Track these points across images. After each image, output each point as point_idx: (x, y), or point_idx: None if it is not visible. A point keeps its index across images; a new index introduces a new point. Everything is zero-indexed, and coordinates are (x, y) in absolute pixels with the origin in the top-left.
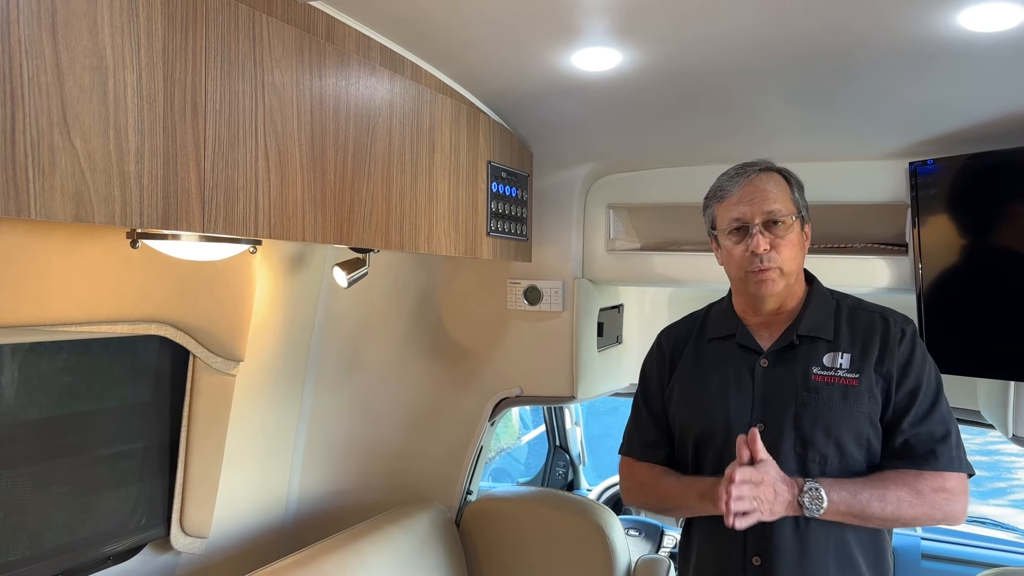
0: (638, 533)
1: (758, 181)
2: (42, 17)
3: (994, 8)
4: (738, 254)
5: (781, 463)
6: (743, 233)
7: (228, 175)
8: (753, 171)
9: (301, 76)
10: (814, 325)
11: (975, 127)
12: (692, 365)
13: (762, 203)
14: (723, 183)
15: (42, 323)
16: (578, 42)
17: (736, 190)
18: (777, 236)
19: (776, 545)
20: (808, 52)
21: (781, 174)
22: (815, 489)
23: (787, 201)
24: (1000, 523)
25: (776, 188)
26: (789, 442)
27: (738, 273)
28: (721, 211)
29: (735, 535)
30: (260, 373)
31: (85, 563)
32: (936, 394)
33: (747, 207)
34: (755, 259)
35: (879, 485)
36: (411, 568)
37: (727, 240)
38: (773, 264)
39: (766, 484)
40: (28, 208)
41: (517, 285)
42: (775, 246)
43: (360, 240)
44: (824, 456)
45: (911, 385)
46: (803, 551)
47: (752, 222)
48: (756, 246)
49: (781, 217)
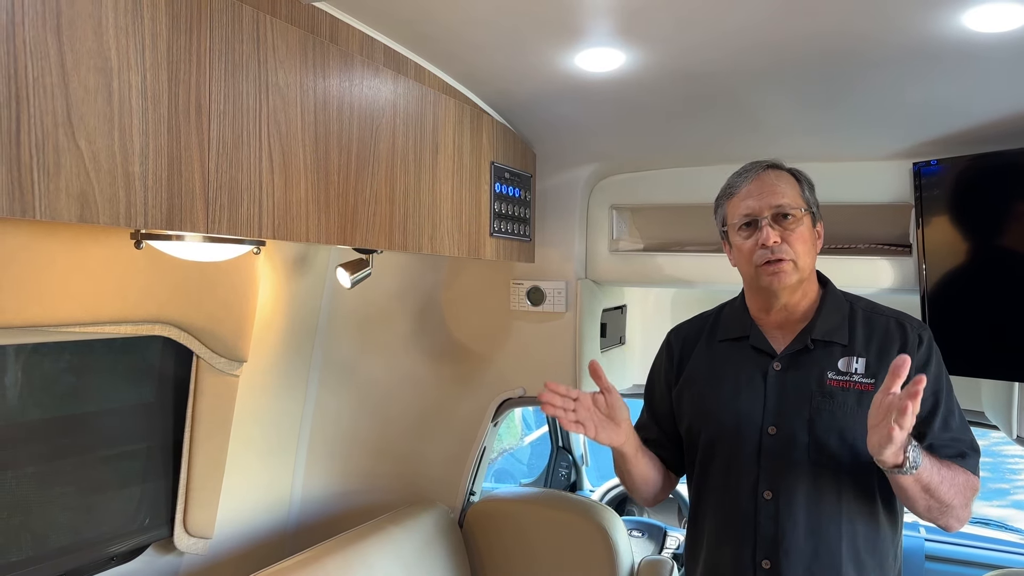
0: (641, 534)
1: (766, 176)
2: (47, 18)
3: (998, 9)
4: (748, 248)
5: (793, 468)
6: (753, 227)
7: (232, 176)
8: (762, 167)
9: (305, 77)
10: (828, 329)
11: (979, 127)
12: (702, 366)
13: (770, 196)
14: (732, 180)
15: (46, 324)
16: (581, 43)
17: (745, 186)
18: (787, 229)
19: (786, 549)
20: (812, 53)
21: (791, 172)
22: (917, 448)
23: (796, 196)
24: (1003, 524)
25: (785, 183)
26: (803, 447)
27: (749, 269)
28: (731, 207)
29: (744, 538)
30: (263, 374)
31: (89, 563)
32: (954, 399)
33: (755, 201)
34: (766, 251)
35: (949, 467)
36: (414, 569)
37: (737, 236)
38: (786, 256)
39: (581, 402)
40: (33, 209)
41: (520, 286)
42: (786, 239)
43: (363, 241)
44: (839, 462)
45: (930, 392)
46: (814, 555)
47: (761, 215)
48: (766, 238)
49: (790, 210)
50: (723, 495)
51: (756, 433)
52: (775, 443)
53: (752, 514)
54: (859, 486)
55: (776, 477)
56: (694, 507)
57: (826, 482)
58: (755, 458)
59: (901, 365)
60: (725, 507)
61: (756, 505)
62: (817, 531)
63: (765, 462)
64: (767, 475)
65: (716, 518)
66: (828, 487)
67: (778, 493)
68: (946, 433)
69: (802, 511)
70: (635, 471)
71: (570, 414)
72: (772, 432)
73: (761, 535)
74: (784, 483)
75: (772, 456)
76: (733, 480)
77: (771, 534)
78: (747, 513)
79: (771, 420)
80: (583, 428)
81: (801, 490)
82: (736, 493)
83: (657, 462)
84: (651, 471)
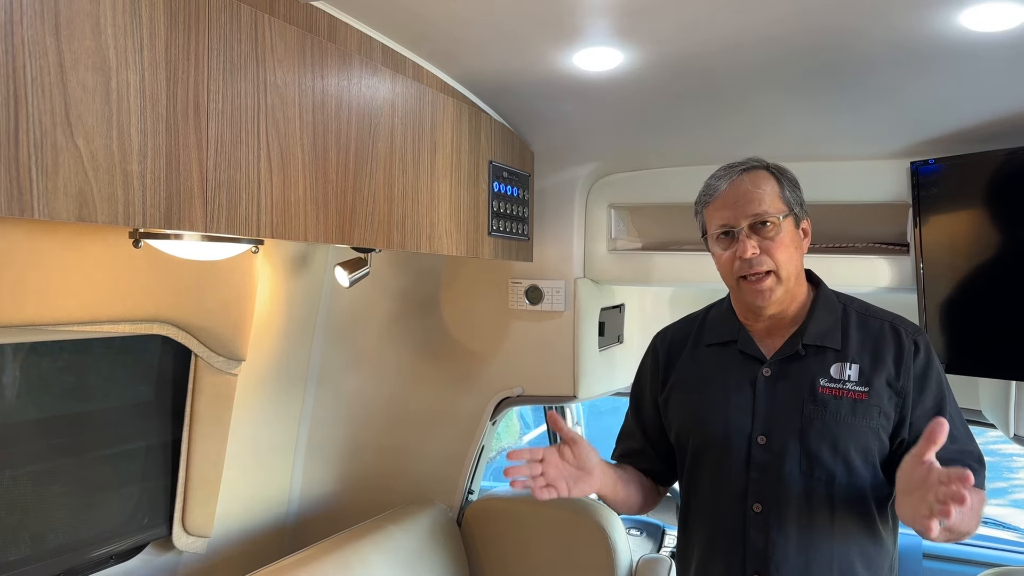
0: (639, 532)
1: (741, 182)
2: (45, 17)
3: (995, 8)
4: (727, 259)
5: (784, 481)
6: (731, 238)
7: (230, 175)
8: (736, 172)
9: (303, 76)
10: (820, 333)
11: (977, 127)
12: (689, 371)
13: (746, 205)
14: (708, 184)
15: (44, 323)
16: (580, 42)
17: (720, 193)
18: (765, 238)
19: (777, 563)
20: (810, 53)
21: (770, 171)
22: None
23: (774, 200)
24: (1001, 522)
25: (762, 187)
26: (794, 459)
27: (731, 280)
28: (708, 215)
29: (734, 551)
30: (262, 372)
31: (87, 562)
32: (956, 408)
33: (730, 211)
34: (744, 264)
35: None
36: (413, 568)
37: (716, 246)
38: (765, 267)
39: (548, 461)
40: (32, 208)
41: (518, 285)
42: (765, 248)
43: (362, 240)
44: (831, 473)
45: (931, 402)
46: (805, 569)
47: (737, 225)
48: (743, 251)
49: (768, 218)
50: (712, 506)
51: (745, 443)
52: (765, 453)
53: (741, 527)
54: (853, 498)
55: (766, 489)
56: (684, 515)
57: (818, 494)
58: (744, 469)
59: (938, 431)
60: (714, 518)
61: (745, 517)
62: (809, 545)
63: (754, 473)
64: (756, 487)
65: (706, 529)
66: (820, 499)
67: (768, 505)
68: (953, 445)
69: (793, 524)
70: (614, 501)
71: (539, 479)
72: (762, 442)
73: (751, 548)
74: (774, 495)
75: (761, 467)
76: (721, 491)
77: (761, 548)
78: (736, 525)
79: (760, 429)
80: (555, 491)
81: (792, 503)
82: (724, 504)
83: (638, 484)
84: (632, 496)
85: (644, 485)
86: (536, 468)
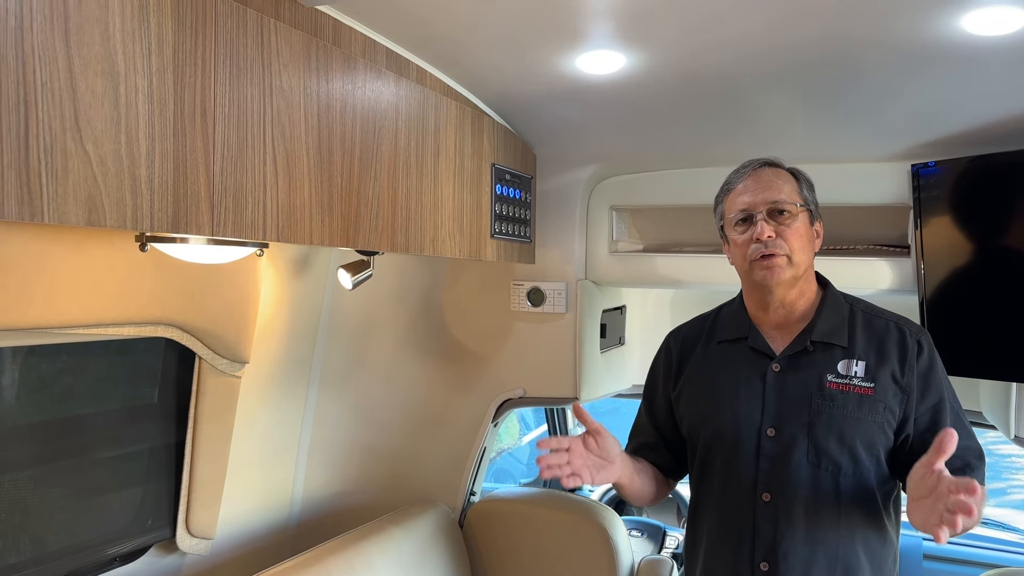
0: (641, 534)
1: (763, 173)
2: (55, 23)
3: (997, 12)
4: (743, 242)
5: (793, 471)
6: (749, 223)
7: (237, 179)
8: (758, 164)
9: (308, 80)
10: (828, 330)
11: (978, 129)
12: (701, 367)
13: (766, 192)
14: (730, 177)
15: (49, 325)
16: (582, 45)
17: (742, 182)
18: (782, 224)
19: (785, 551)
20: (812, 55)
21: (789, 171)
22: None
23: (793, 192)
24: (1002, 523)
25: (782, 180)
26: (802, 450)
27: (744, 264)
28: (728, 203)
29: (743, 540)
30: (265, 375)
31: (91, 564)
32: (958, 406)
33: (751, 196)
34: (760, 245)
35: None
36: (415, 569)
37: (733, 232)
38: (780, 251)
39: (574, 451)
40: (42, 213)
41: (520, 287)
42: (780, 234)
43: (366, 243)
44: (838, 465)
45: (933, 400)
46: (812, 558)
47: (756, 210)
48: (760, 232)
49: (785, 205)
50: (722, 496)
51: (755, 435)
52: (774, 445)
53: (751, 516)
54: (858, 490)
55: (775, 479)
56: (693, 507)
57: (825, 485)
58: (754, 460)
59: (948, 441)
60: (724, 508)
61: (754, 507)
62: (816, 534)
63: (764, 464)
64: (766, 477)
65: (715, 519)
66: (827, 490)
67: (777, 495)
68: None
69: (801, 514)
70: (629, 491)
71: (566, 468)
72: (771, 434)
73: (759, 537)
74: (783, 485)
75: (771, 458)
76: (732, 482)
77: (769, 536)
78: (745, 515)
79: (770, 422)
80: (580, 479)
81: (800, 493)
82: (735, 495)
83: (651, 475)
84: (645, 487)
85: (656, 477)
86: (563, 457)
